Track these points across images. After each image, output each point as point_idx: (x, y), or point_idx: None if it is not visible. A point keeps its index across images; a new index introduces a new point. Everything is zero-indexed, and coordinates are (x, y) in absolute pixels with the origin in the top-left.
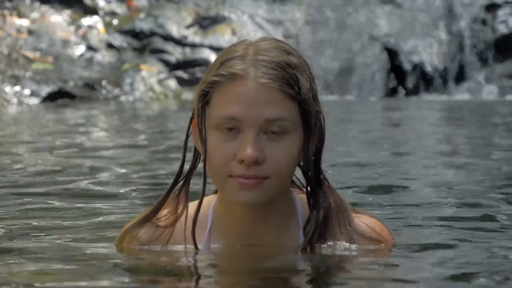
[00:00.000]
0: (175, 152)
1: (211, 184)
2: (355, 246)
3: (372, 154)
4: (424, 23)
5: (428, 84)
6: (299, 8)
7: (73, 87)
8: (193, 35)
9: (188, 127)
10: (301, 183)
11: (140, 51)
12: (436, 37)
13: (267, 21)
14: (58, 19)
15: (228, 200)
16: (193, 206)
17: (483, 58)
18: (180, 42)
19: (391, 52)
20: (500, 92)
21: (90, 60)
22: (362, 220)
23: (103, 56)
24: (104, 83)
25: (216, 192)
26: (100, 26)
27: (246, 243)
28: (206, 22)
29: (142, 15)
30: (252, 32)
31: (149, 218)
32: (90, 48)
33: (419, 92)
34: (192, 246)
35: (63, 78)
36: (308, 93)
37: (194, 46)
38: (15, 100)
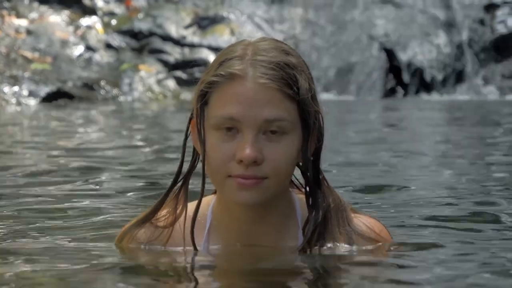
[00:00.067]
0: (174, 152)
1: (210, 184)
2: (354, 246)
3: (371, 154)
4: (422, 23)
5: (426, 84)
6: (297, 8)
7: (71, 87)
8: (191, 35)
9: (187, 127)
10: (300, 184)
11: (138, 51)
12: (435, 37)
13: (266, 21)
14: (57, 19)
15: (227, 200)
16: (192, 206)
17: (482, 58)
18: (178, 42)
19: (390, 52)
20: (499, 92)
21: (89, 60)
22: (361, 220)
23: (102, 56)
24: (102, 83)
25: (215, 192)
26: (99, 26)
27: (245, 243)
28: (204, 22)
29: (140, 15)
30: (251, 32)
31: (148, 218)
32: (89, 48)
33: (417, 92)
34: (191, 247)
35: (62, 78)
36: (307, 93)
37: (193, 46)
38: (13, 100)
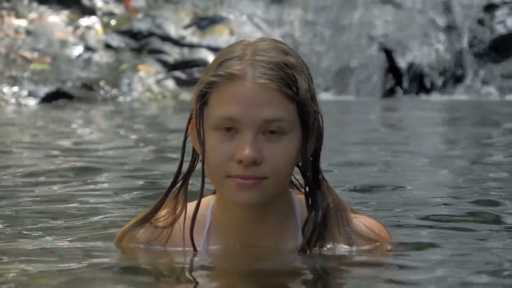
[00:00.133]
0: (173, 152)
1: (210, 185)
2: (353, 247)
3: (369, 154)
4: (422, 24)
5: (425, 85)
6: (297, 8)
7: (71, 88)
8: (191, 36)
9: (187, 127)
10: (299, 184)
11: (138, 51)
12: (434, 37)
13: (265, 21)
14: (56, 19)
15: (226, 200)
16: (191, 207)
17: (481, 59)
18: (178, 43)
19: (389, 53)
20: (498, 92)
21: (88, 61)
22: (361, 221)
23: (101, 57)
24: (102, 83)
25: (214, 192)
26: (98, 27)
27: (245, 243)
28: (204, 23)
29: (140, 16)
30: (250, 33)
31: (148, 218)
32: (88, 48)
33: (417, 93)
34: (191, 247)
35: (61, 79)
36: (306, 93)
37: (192, 46)
38: (13, 101)
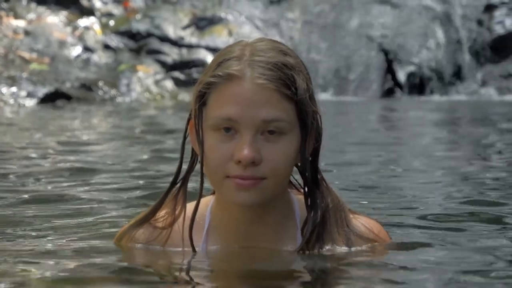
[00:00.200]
0: (172, 153)
1: (209, 185)
2: (352, 247)
3: (367, 155)
4: (421, 24)
5: (424, 85)
6: (295, 8)
7: (69, 88)
8: (189, 36)
9: (186, 128)
10: (299, 184)
11: (136, 52)
12: (433, 37)
13: (264, 22)
14: (55, 20)
15: (225, 200)
16: (191, 207)
17: (480, 59)
18: (176, 43)
19: (388, 53)
20: (497, 92)
21: (87, 61)
22: (360, 221)
23: (100, 57)
24: (100, 84)
25: (213, 193)
26: (97, 27)
27: (244, 244)
28: (202, 23)
29: (138, 16)
30: (248, 33)
31: (147, 219)
32: (87, 49)
33: (415, 93)
34: (190, 247)
35: (60, 79)
36: (304, 93)
37: (190, 47)
38: (11, 101)
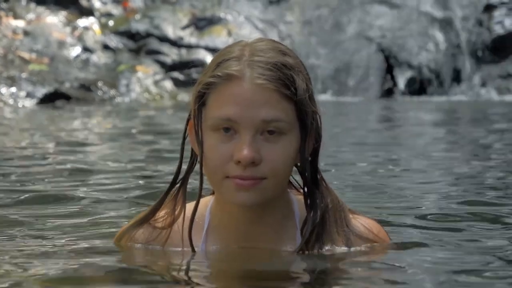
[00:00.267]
0: (171, 153)
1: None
2: (352, 247)
3: (366, 155)
4: (420, 24)
5: (423, 85)
6: (294, 9)
7: (69, 88)
8: (189, 36)
9: (185, 128)
10: (298, 184)
11: (136, 52)
12: (432, 37)
13: (263, 22)
14: (54, 20)
15: (225, 201)
16: (190, 207)
17: (479, 59)
18: (176, 43)
19: (387, 53)
20: (496, 92)
21: (86, 61)
22: (359, 221)
23: (99, 57)
24: (100, 84)
25: (213, 193)
26: (96, 27)
27: (243, 244)
28: (202, 23)
29: (137, 16)
30: (248, 33)
31: (146, 219)
32: (86, 49)
33: (414, 93)
34: (189, 247)
35: (59, 79)
36: (304, 93)
37: (190, 47)
38: (11, 102)
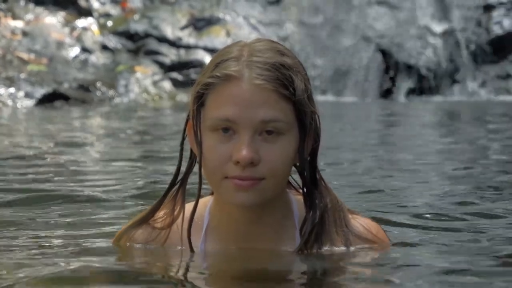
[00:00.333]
0: (171, 153)
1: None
2: (351, 247)
3: (364, 155)
4: (418, 24)
5: (422, 86)
6: (293, 9)
7: (67, 89)
8: (187, 37)
9: (184, 129)
10: (297, 184)
11: (134, 52)
12: (431, 38)
13: (262, 22)
14: (53, 20)
15: (224, 201)
16: (190, 208)
17: (478, 59)
18: (174, 44)
19: (386, 53)
20: (494, 93)
21: (85, 62)
22: (358, 221)
23: (98, 58)
24: (98, 84)
25: (212, 193)
26: (95, 28)
27: (242, 244)
28: (200, 24)
29: (136, 17)
30: (246, 34)
31: (146, 219)
32: (85, 49)
33: (413, 93)
34: (188, 248)
35: (58, 80)
36: (303, 94)
37: (188, 47)
38: (9, 102)
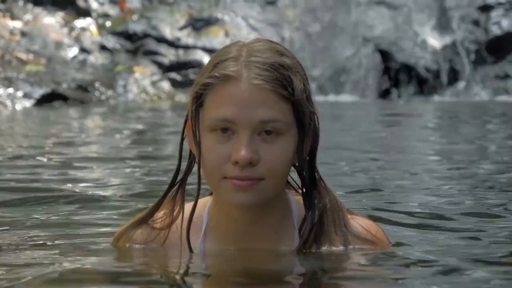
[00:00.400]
0: (170, 154)
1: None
2: (350, 247)
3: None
4: (417, 24)
5: (421, 85)
6: (292, 9)
7: (66, 89)
8: (186, 37)
9: (183, 129)
10: (297, 185)
11: (133, 53)
12: (429, 38)
13: (260, 22)
14: (51, 21)
15: (223, 201)
16: (189, 208)
17: (476, 59)
18: (173, 44)
19: (384, 54)
20: (493, 93)
21: (83, 62)
22: (357, 222)
23: (96, 58)
24: (97, 85)
25: (211, 193)
26: (93, 28)
27: (242, 244)
28: (199, 24)
29: (135, 17)
30: (245, 34)
31: (145, 219)
32: (83, 50)
33: (412, 94)
34: (187, 248)
35: (56, 80)
36: (301, 94)
37: (187, 47)
38: (8, 102)
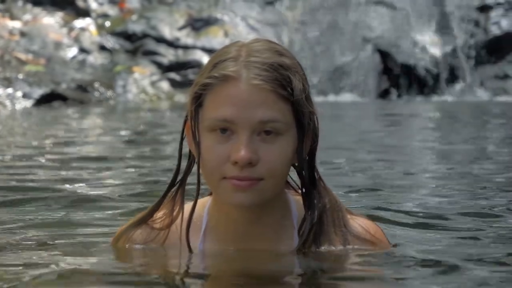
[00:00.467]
0: (169, 154)
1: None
2: (349, 247)
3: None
4: (416, 25)
5: (420, 86)
6: (291, 9)
7: (65, 89)
8: (185, 37)
9: (182, 129)
10: (296, 185)
11: (132, 53)
12: (429, 38)
13: (260, 22)
14: (51, 21)
15: (222, 201)
16: (189, 208)
17: (476, 60)
18: (172, 44)
19: (384, 54)
20: (492, 93)
21: (83, 62)
22: (357, 222)
23: (96, 58)
24: (96, 85)
25: (211, 194)
26: (93, 28)
27: (241, 244)
28: (198, 24)
29: (134, 17)
30: (244, 34)
31: (144, 220)
32: (83, 50)
33: (411, 94)
34: (187, 248)
35: (56, 80)
36: (301, 94)
37: (186, 48)
38: (7, 102)
